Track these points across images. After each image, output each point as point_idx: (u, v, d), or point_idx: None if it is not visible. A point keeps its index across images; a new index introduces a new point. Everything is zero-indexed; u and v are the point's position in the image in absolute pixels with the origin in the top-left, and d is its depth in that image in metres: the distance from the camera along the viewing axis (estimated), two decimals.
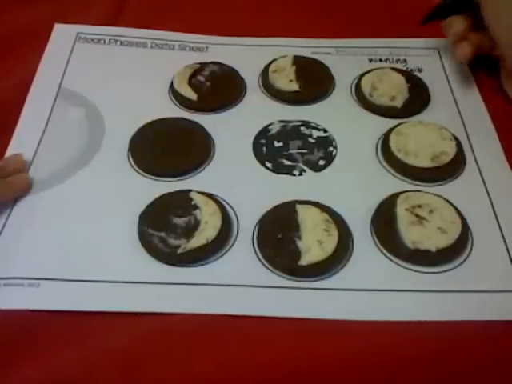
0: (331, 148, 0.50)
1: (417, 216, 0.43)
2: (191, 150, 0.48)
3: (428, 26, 0.58)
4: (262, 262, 0.41)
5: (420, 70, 0.57)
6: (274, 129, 0.51)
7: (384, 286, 0.41)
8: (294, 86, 0.53)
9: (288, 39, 0.59)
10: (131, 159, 0.48)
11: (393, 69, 0.55)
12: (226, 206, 0.44)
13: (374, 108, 0.53)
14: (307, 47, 0.58)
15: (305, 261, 0.40)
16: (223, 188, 0.46)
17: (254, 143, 0.50)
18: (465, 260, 0.42)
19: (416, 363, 0.37)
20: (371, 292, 0.40)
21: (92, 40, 0.58)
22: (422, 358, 0.37)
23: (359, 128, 0.51)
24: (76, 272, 0.40)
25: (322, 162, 0.48)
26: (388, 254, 0.42)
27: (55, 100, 0.52)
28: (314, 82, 0.54)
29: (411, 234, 0.42)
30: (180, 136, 0.49)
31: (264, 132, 0.51)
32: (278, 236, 0.42)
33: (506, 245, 0.43)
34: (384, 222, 0.43)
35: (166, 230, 0.42)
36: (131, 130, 0.49)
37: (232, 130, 0.51)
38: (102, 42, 0.58)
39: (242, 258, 0.42)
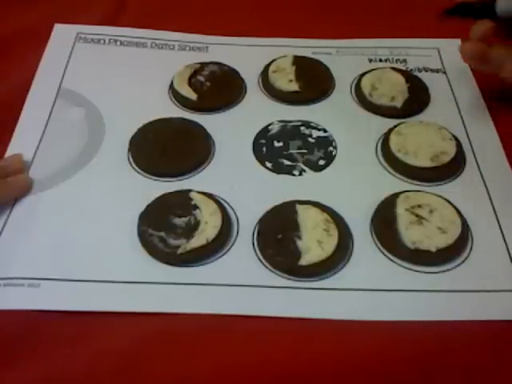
0: (331, 148, 0.50)
1: (417, 216, 0.43)
2: (191, 149, 0.48)
3: (428, 26, 0.58)
4: (261, 262, 0.41)
5: (420, 70, 0.57)
6: (274, 129, 0.51)
7: (384, 286, 0.40)
8: (294, 86, 0.53)
9: (288, 39, 0.59)
10: (131, 159, 0.48)
11: (393, 69, 0.55)
12: (226, 206, 0.44)
13: (374, 108, 0.52)
14: (307, 47, 0.58)
15: (305, 261, 0.40)
16: (223, 188, 0.46)
17: (253, 143, 0.50)
18: (465, 260, 0.42)
19: (416, 363, 0.37)
20: (371, 292, 0.40)
21: (92, 40, 0.58)
22: (421, 358, 0.37)
23: (359, 128, 0.51)
24: (76, 272, 0.40)
25: (321, 162, 0.48)
26: (388, 254, 0.42)
27: (55, 100, 0.52)
28: (313, 82, 0.54)
29: (411, 234, 0.42)
30: (180, 136, 0.49)
31: (264, 132, 0.51)
32: (278, 236, 0.42)
33: (506, 245, 0.43)
34: (384, 222, 0.43)
35: (166, 230, 0.42)
36: (131, 129, 0.49)
37: (232, 130, 0.51)
38: (102, 42, 0.58)
39: (242, 258, 0.42)
